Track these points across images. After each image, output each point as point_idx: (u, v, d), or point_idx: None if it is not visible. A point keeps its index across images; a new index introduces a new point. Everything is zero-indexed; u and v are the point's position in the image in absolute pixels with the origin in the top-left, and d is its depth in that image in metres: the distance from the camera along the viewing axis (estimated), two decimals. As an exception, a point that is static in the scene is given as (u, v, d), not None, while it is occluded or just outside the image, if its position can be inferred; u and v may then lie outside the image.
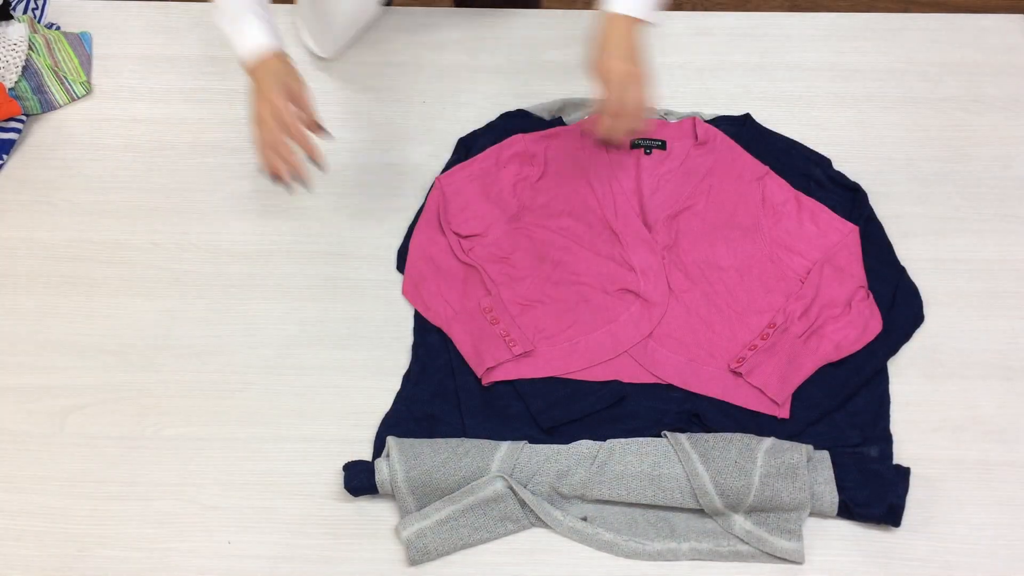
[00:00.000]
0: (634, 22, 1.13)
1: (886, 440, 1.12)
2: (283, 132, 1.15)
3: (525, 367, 1.16)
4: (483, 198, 1.29)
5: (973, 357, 1.19)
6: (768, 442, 1.05)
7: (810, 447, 1.05)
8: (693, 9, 1.56)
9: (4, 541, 1.07)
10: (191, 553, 1.06)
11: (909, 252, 1.28)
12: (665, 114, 1.40)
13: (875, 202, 1.32)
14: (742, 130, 1.36)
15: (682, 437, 1.06)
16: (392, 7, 1.58)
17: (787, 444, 1.05)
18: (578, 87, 1.47)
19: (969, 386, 1.17)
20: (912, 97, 1.46)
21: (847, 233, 1.25)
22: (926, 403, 1.16)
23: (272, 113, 1.14)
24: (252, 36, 1.16)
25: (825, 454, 1.06)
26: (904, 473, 1.06)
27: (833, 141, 1.40)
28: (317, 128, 1.19)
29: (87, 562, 1.06)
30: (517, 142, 1.34)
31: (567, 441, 1.11)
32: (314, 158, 1.17)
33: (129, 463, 1.13)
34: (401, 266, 1.27)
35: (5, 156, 1.40)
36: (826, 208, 1.27)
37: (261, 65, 1.16)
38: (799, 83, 1.47)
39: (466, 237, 1.27)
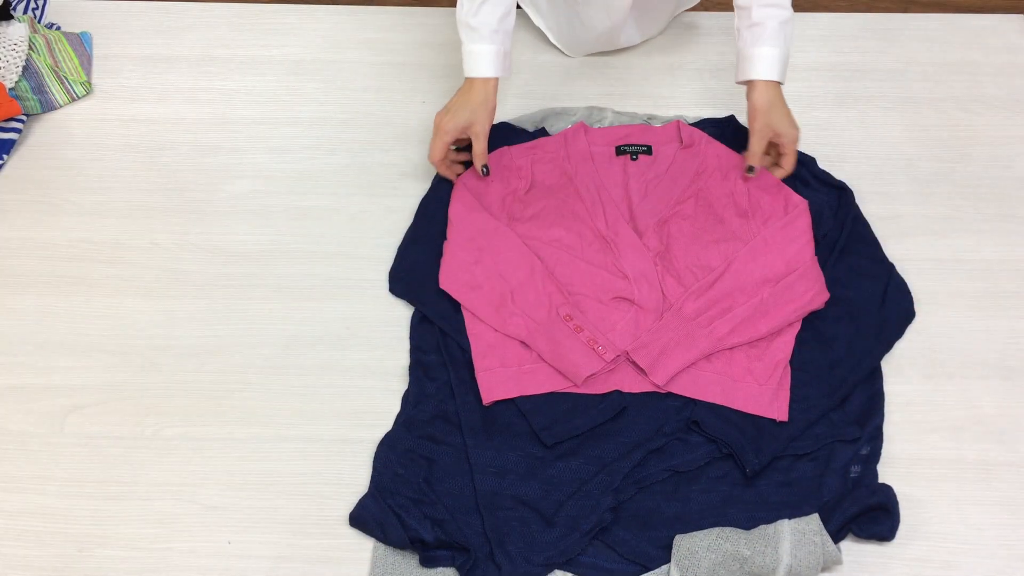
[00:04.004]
0: (779, 86, 1.26)
1: (878, 438, 1.12)
2: (443, 151, 1.28)
3: (526, 384, 1.15)
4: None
5: (973, 357, 1.19)
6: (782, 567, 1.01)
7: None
8: (693, 9, 1.56)
9: (4, 541, 1.07)
10: (191, 553, 1.06)
11: (909, 252, 1.28)
12: (649, 119, 1.40)
13: (875, 202, 1.32)
14: (726, 131, 1.36)
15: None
16: (401, 7, 1.59)
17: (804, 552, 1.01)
18: (576, 86, 1.47)
19: (969, 386, 1.17)
20: (912, 97, 1.46)
21: (793, 207, 1.27)
22: (926, 403, 1.16)
23: (444, 136, 1.26)
24: (482, 60, 1.24)
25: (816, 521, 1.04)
26: (888, 495, 1.06)
27: (833, 141, 1.40)
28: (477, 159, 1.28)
29: (87, 562, 1.06)
30: (502, 155, 1.33)
31: (570, 456, 1.10)
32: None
33: (129, 463, 1.13)
34: (395, 289, 1.26)
35: (5, 156, 1.40)
36: (782, 185, 1.29)
37: (473, 86, 1.25)
38: (799, 83, 1.47)
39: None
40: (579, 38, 1.49)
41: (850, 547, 1.05)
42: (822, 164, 1.34)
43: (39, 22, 1.54)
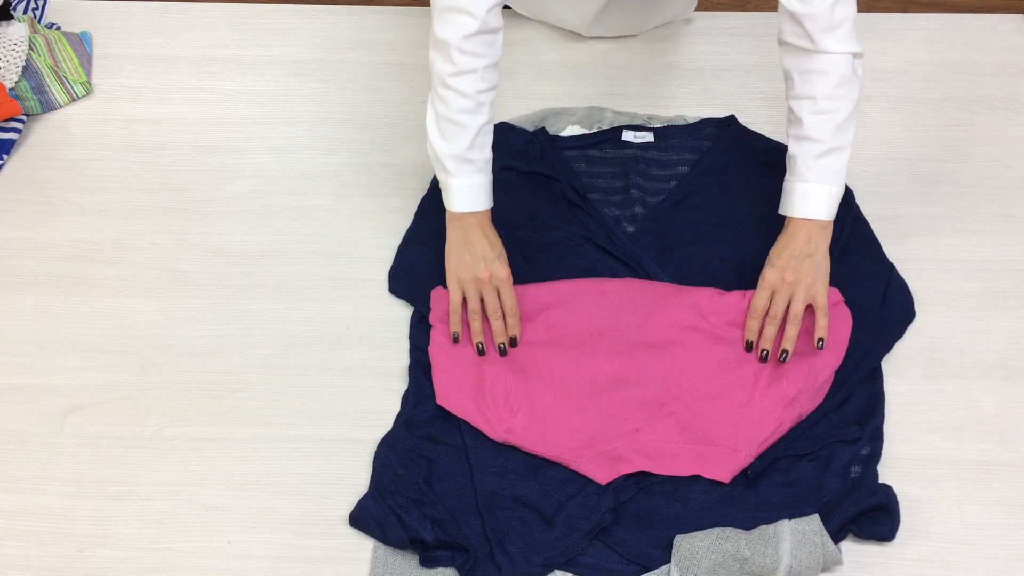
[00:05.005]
0: (810, 225, 1.13)
1: (878, 438, 1.12)
2: (495, 310, 1.15)
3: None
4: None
5: (973, 357, 1.19)
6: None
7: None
8: (693, 9, 1.56)
9: (4, 541, 1.07)
10: (191, 553, 1.06)
11: (909, 252, 1.27)
12: (648, 119, 1.40)
13: (875, 202, 1.32)
14: (726, 132, 1.36)
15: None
16: (401, 7, 1.59)
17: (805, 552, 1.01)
18: (577, 87, 1.47)
19: (969, 386, 1.17)
20: (912, 97, 1.46)
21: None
22: (926, 403, 1.16)
23: (493, 287, 1.15)
24: (476, 195, 1.14)
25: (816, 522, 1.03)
26: (888, 495, 1.06)
27: (833, 141, 1.40)
28: (511, 317, 1.16)
29: (87, 562, 1.06)
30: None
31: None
32: (504, 341, 1.17)
33: (129, 463, 1.13)
34: (395, 289, 1.26)
35: (5, 156, 1.40)
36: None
37: (474, 222, 1.15)
38: (799, 83, 1.47)
39: None
40: (548, 22, 1.53)
41: (850, 547, 1.05)
42: (822, 164, 1.34)
43: (39, 22, 1.54)
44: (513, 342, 1.16)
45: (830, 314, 1.15)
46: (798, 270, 1.12)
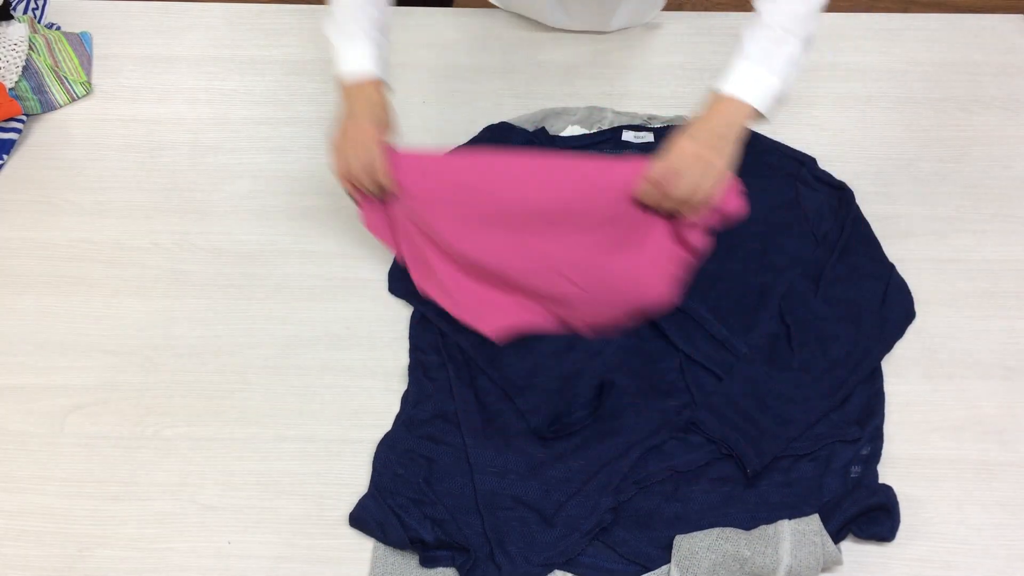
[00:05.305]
0: (738, 107, 1.07)
1: (878, 438, 1.12)
2: (363, 166, 1.15)
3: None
4: None
5: (972, 357, 1.19)
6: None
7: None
8: (693, 9, 1.56)
9: (4, 541, 1.07)
10: (191, 553, 1.06)
11: (909, 252, 1.28)
12: (648, 119, 1.40)
13: (875, 202, 1.32)
14: None
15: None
16: (400, 8, 1.58)
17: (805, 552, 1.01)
18: (577, 87, 1.47)
19: (968, 386, 1.17)
20: (912, 97, 1.46)
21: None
22: (926, 403, 1.16)
23: (358, 143, 1.15)
24: (358, 58, 1.16)
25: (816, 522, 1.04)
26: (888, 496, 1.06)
27: (833, 141, 1.40)
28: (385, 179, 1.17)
29: (87, 562, 1.06)
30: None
31: (570, 456, 1.10)
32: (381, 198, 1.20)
33: (129, 463, 1.13)
34: (395, 289, 1.26)
35: (5, 156, 1.40)
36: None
37: (359, 89, 1.16)
38: (799, 83, 1.46)
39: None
40: (513, 10, 1.54)
41: (850, 547, 1.05)
42: (822, 164, 1.34)
43: (39, 22, 1.54)
44: (382, 192, 1.18)
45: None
46: (714, 150, 1.06)
